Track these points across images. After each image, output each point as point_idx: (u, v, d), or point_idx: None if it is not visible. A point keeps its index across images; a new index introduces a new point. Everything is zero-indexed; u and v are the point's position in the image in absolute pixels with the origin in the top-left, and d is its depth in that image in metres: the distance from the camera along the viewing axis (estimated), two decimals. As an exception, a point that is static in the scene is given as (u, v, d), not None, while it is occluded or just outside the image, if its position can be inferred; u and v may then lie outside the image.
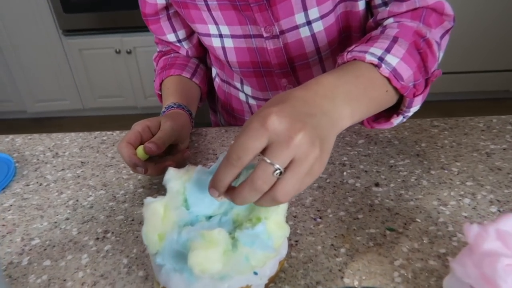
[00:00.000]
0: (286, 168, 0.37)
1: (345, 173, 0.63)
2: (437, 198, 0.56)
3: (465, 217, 0.53)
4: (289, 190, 0.36)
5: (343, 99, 0.43)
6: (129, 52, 2.58)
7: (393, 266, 0.47)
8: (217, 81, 0.87)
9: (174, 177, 0.45)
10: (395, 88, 0.50)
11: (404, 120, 0.56)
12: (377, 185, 0.60)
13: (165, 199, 0.43)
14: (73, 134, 0.78)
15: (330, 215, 0.55)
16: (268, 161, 0.36)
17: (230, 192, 0.39)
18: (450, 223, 0.52)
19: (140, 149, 0.57)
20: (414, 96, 0.52)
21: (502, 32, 2.28)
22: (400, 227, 0.52)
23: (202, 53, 0.85)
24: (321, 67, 0.72)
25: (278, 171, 0.36)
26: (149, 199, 0.43)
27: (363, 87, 0.46)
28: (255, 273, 0.42)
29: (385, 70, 0.49)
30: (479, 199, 0.55)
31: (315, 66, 0.72)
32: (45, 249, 0.53)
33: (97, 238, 0.54)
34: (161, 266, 0.42)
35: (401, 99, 0.54)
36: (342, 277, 0.46)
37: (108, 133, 0.78)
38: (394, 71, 0.49)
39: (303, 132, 0.36)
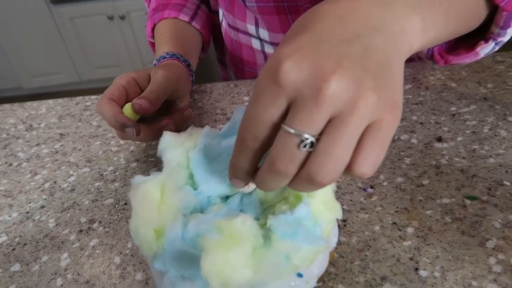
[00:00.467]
0: (322, 134, 0.23)
1: (394, 127, 0.49)
2: (524, 152, 0.42)
3: None
4: (331, 167, 0.23)
5: (406, 4, 0.27)
6: (122, 18, 2.40)
7: (485, 249, 0.34)
8: (223, 26, 0.71)
9: (172, 145, 0.32)
10: None
11: (496, 48, 0.40)
12: (439, 139, 0.46)
13: (161, 177, 0.30)
14: (50, 101, 0.64)
15: (385, 183, 0.41)
16: (290, 130, 0.22)
17: (255, 177, 0.27)
18: (552, 185, 0.38)
19: (127, 107, 0.43)
20: None
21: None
22: (484, 194, 0.39)
23: None
24: None
25: (307, 142, 0.23)
26: (138, 179, 0.30)
27: None
28: (300, 275, 0.29)
29: None
30: None
31: None
32: (13, 249, 0.40)
33: (81, 231, 0.41)
34: (163, 273, 0.29)
35: (490, 17, 0.38)
36: (416, 269, 0.33)
37: (92, 97, 0.64)
38: None
39: (338, 74, 0.22)
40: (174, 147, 0.32)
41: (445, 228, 0.36)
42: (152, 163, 0.49)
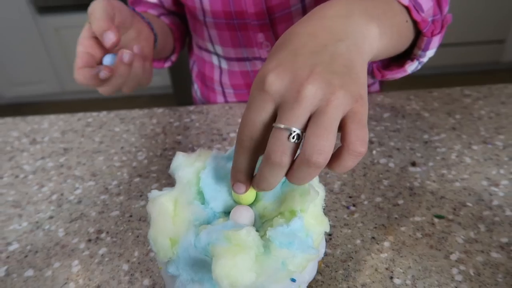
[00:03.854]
0: (308, 124, 0.28)
1: (374, 151, 0.54)
2: (485, 177, 0.49)
3: (523, 198, 0.45)
4: (322, 146, 0.27)
5: (363, 15, 0.33)
6: (108, 30, 2.42)
7: (449, 261, 0.39)
8: (194, 45, 0.77)
9: (184, 164, 0.36)
10: (414, 22, 0.43)
11: (419, 67, 0.48)
12: (413, 164, 0.52)
13: (174, 192, 0.35)
14: (52, 116, 0.68)
15: (365, 202, 0.47)
16: (280, 125, 0.28)
17: (255, 177, 0.32)
18: (507, 207, 0.44)
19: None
20: (432, 35, 0.44)
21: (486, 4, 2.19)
22: (450, 213, 0.44)
23: (179, 9, 0.73)
24: None
25: (294, 134, 0.28)
26: (155, 193, 0.34)
27: (382, 10, 0.37)
28: (293, 280, 0.34)
29: None
30: (534, 176, 0.48)
31: (297, 17, 0.62)
32: (26, 256, 0.43)
33: (89, 240, 0.45)
34: (175, 276, 0.33)
35: (414, 42, 0.46)
36: (391, 277, 0.38)
37: (94, 114, 0.68)
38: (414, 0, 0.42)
39: (312, 79, 0.28)
40: (186, 165, 0.36)
41: (416, 242, 0.41)
42: (154, 178, 0.53)
